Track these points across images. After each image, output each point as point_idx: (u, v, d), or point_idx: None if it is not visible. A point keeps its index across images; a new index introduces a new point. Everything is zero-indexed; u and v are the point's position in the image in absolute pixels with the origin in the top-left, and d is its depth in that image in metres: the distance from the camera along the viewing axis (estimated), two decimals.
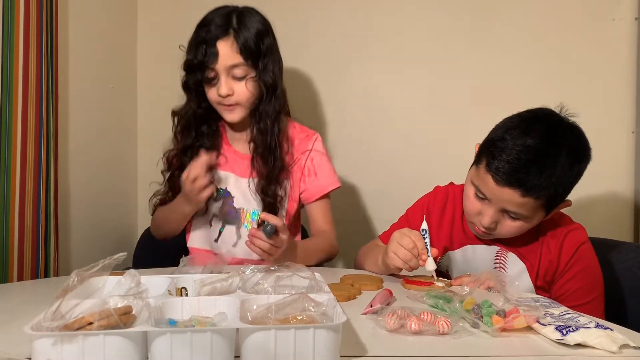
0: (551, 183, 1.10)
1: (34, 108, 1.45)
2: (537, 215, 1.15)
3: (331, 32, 1.94)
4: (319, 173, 1.50)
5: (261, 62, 1.40)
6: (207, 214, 1.48)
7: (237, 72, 1.38)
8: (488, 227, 1.17)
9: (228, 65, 1.37)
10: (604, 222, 1.76)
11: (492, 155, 1.13)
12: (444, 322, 0.86)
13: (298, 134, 1.52)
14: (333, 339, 0.72)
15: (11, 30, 1.39)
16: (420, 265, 1.17)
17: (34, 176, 1.46)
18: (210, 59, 1.36)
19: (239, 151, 1.50)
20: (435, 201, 1.35)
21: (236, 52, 1.36)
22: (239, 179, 1.48)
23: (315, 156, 1.50)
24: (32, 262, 1.46)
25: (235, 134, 1.51)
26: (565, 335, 0.83)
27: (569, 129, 1.15)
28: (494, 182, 1.11)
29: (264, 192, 1.43)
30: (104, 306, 0.73)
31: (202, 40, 1.37)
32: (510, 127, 1.15)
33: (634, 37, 1.75)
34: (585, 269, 1.19)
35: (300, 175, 1.49)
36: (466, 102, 1.85)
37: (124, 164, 2.04)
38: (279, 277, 0.93)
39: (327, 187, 1.50)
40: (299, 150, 1.50)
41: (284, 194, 1.46)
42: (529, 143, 1.10)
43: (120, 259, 0.84)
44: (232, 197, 1.47)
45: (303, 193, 1.50)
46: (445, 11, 1.87)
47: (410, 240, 1.15)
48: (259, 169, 1.45)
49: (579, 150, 1.14)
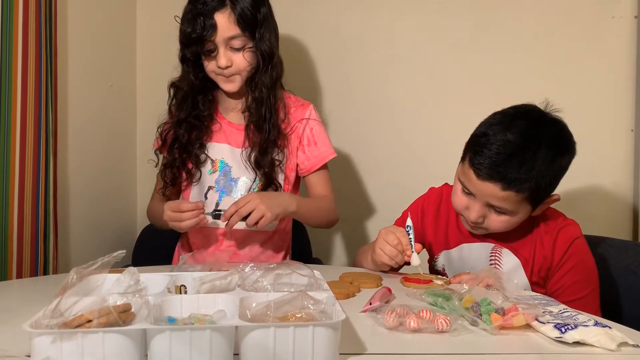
0: (531, 176, 1.11)
1: (33, 106, 1.45)
2: (522, 210, 1.16)
3: (328, 33, 1.94)
4: (318, 142, 1.49)
5: (258, 32, 1.39)
6: (202, 188, 1.47)
7: (235, 43, 1.37)
8: (475, 221, 1.18)
9: (226, 37, 1.36)
10: (602, 220, 1.76)
11: (474, 151, 1.16)
12: (443, 320, 0.86)
13: (293, 103, 1.51)
14: (332, 336, 0.72)
15: (10, 28, 1.39)
16: (406, 261, 1.20)
17: (33, 174, 1.46)
18: (209, 32, 1.34)
19: (232, 122, 1.50)
20: (429, 202, 1.37)
21: (234, 24, 1.35)
22: (234, 150, 1.47)
23: (314, 125, 1.50)
24: (31, 260, 1.46)
25: (229, 105, 1.50)
26: (564, 333, 0.83)
27: (550, 123, 1.16)
28: (476, 177, 1.14)
29: (258, 163, 1.42)
30: (103, 304, 0.73)
31: (198, 13, 1.35)
32: (493, 123, 1.17)
33: (634, 35, 1.75)
34: (579, 264, 1.20)
35: (298, 144, 1.48)
36: (466, 102, 1.85)
37: (123, 162, 2.04)
38: (278, 274, 0.93)
39: (328, 156, 1.50)
40: (296, 119, 1.49)
41: (282, 157, 1.45)
42: (509, 138, 1.12)
43: (119, 256, 0.84)
44: (230, 167, 1.47)
45: (303, 163, 1.49)
46: (445, 10, 1.86)
47: (394, 236, 1.19)
48: (253, 139, 1.44)
49: (560, 144, 1.15)
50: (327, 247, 1.94)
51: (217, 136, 1.49)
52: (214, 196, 1.46)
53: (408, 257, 1.19)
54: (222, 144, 1.48)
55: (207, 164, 1.47)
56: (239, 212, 1.29)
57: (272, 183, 1.43)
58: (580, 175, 1.75)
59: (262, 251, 1.48)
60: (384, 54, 1.91)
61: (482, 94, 1.83)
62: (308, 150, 1.49)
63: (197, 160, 1.46)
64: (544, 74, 1.80)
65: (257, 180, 1.44)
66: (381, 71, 1.92)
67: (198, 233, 1.49)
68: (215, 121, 1.49)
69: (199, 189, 1.47)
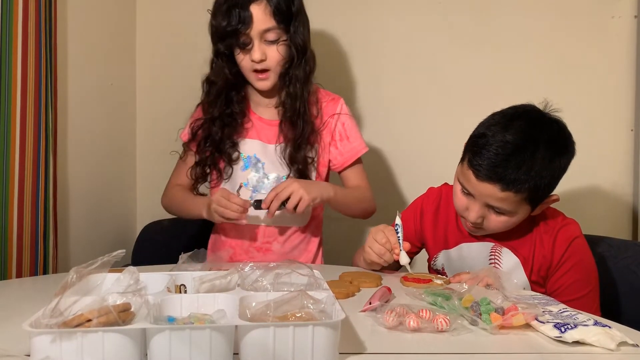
0: (530, 177, 1.11)
1: (32, 105, 1.44)
2: (521, 210, 1.16)
3: (329, 33, 1.93)
4: (350, 137, 1.49)
5: (292, 25, 1.38)
6: (233, 184, 1.46)
7: (269, 36, 1.36)
8: (475, 222, 1.19)
9: (261, 30, 1.35)
10: (602, 220, 1.76)
11: (473, 152, 1.16)
12: (442, 320, 0.86)
13: (324, 97, 1.51)
14: (332, 336, 0.72)
15: (10, 28, 1.38)
16: (395, 260, 1.20)
17: (33, 173, 1.46)
18: (244, 24, 1.33)
19: (264, 118, 1.49)
20: (428, 202, 1.37)
21: (269, 16, 1.34)
22: (266, 146, 1.47)
23: (346, 120, 1.50)
24: (30, 259, 1.46)
25: (261, 101, 1.49)
26: (564, 332, 0.83)
27: (548, 124, 1.16)
28: (475, 178, 1.14)
29: (292, 158, 1.42)
30: (102, 303, 0.73)
31: (234, 4, 1.33)
32: (492, 123, 1.17)
33: (633, 35, 1.75)
34: (578, 263, 1.20)
35: (330, 139, 1.48)
36: (466, 102, 1.85)
37: (123, 161, 2.04)
38: (278, 274, 0.93)
39: (360, 150, 1.50)
40: (327, 114, 1.48)
41: (314, 154, 1.45)
42: (508, 139, 1.12)
43: (119, 256, 0.84)
44: (263, 164, 1.46)
45: (336, 158, 1.49)
46: (444, 9, 1.86)
47: (383, 235, 1.20)
48: (286, 134, 1.43)
49: (558, 144, 1.15)
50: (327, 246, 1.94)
51: (249, 132, 1.48)
52: (245, 193, 1.46)
53: (397, 256, 1.19)
54: (254, 140, 1.47)
55: (239, 160, 1.46)
56: (279, 196, 1.30)
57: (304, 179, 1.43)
58: (580, 175, 1.75)
59: (294, 246, 1.48)
60: (381, 53, 1.91)
61: (482, 94, 1.82)
62: (340, 145, 1.48)
63: (229, 158, 1.46)
64: (544, 74, 1.80)
65: (291, 174, 1.43)
66: (378, 70, 1.91)
67: (232, 229, 1.48)
68: (247, 118, 1.48)
69: (230, 185, 1.47)
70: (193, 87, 1.52)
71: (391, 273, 1.26)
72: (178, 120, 1.58)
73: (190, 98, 1.55)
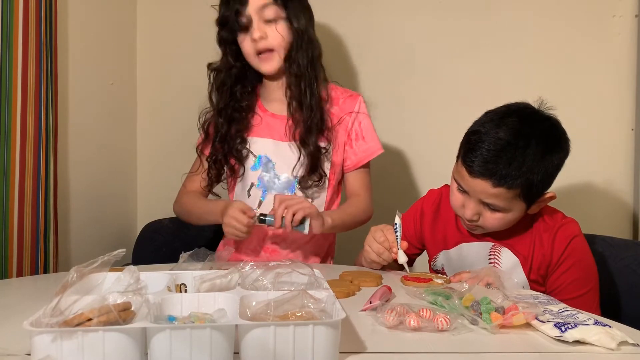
0: (522, 173, 1.11)
1: (33, 104, 1.45)
2: (516, 207, 1.16)
3: (328, 32, 1.93)
4: (366, 137, 1.49)
5: (290, 3, 1.40)
6: (244, 184, 1.47)
7: (267, 13, 1.38)
8: (471, 219, 1.19)
9: (259, 6, 1.37)
10: (602, 219, 1.76)
11: (467, 148, 1.17)
12: (443, 319, 0.86)
13: (341, 94, 1.50)
14: (332, 335, 0.72)
15: (10, 28, 1.39)
16: (393, 259, 1.21)
17: (33, 172, 1.46)
18: (242, 4, 1.37)
19: (275, 113, 1.49)
20: (428, 203, 1.38)
21: None
22: (278, 143, 1.46)
23: (363, 119, 1.49)
24: (31, 258, 1.46)
25: (272, 95, 1.50)
26: (564, 332, 0.83)
27: (541, 120, 1.16)
28: (468, 174, 1.15)
29: (303, 140, 1.41)
30: (103, 302, 0.73)
31: None
32: (485, 121, 1.18)
33: (634, 34, 1.75)
34: (578, 262, 1.20)
35: (346, 138, 1.47)
36: (466, 101, 1.85)
37: (124, 160, 2.04)
38: (278, 273, 0.93)
39: (376, 151, 1.49)
40: (344, 111, 1.48)
41: (327, 144, 1.44)
42: (500, 135, 1.13)
43: (119, 255, 0.84)
44: (274, 163, 1.46)
45: (350, 158, 1.48)
46: (444, 8, 1.86)
47: (382, 234, 1.22)
48: (294, 115, 1.43)
49: (550, 140, 1.15)
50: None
51: (259, 130, 1.48)
52: (257, 193, 1.45)
53: (394, 254, 1.20)
54: (266, 139, 1.47)
55: (249, 159, 1.46)
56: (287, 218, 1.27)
57: (317, 169, 1.42)
58: (580, 174, 1.75)
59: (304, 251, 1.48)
60: (381, 53, 1.91)
61: (482, 93, 1.83)
62: (356, 145, 1.48)
63: (239, 155, 1.46)
64: (544, 73, 1.80)
65: (302, 158, 1.42)
66: (378, 70, 1.92)
67: None
68: (257, 115, 1.48)
69: (242, 185, 1.47)
70: (194, 87, 1.52)
71: (392, 272, 1.26)
72: (178, 120, 1.58)
73: (190, 98, 1.55)
